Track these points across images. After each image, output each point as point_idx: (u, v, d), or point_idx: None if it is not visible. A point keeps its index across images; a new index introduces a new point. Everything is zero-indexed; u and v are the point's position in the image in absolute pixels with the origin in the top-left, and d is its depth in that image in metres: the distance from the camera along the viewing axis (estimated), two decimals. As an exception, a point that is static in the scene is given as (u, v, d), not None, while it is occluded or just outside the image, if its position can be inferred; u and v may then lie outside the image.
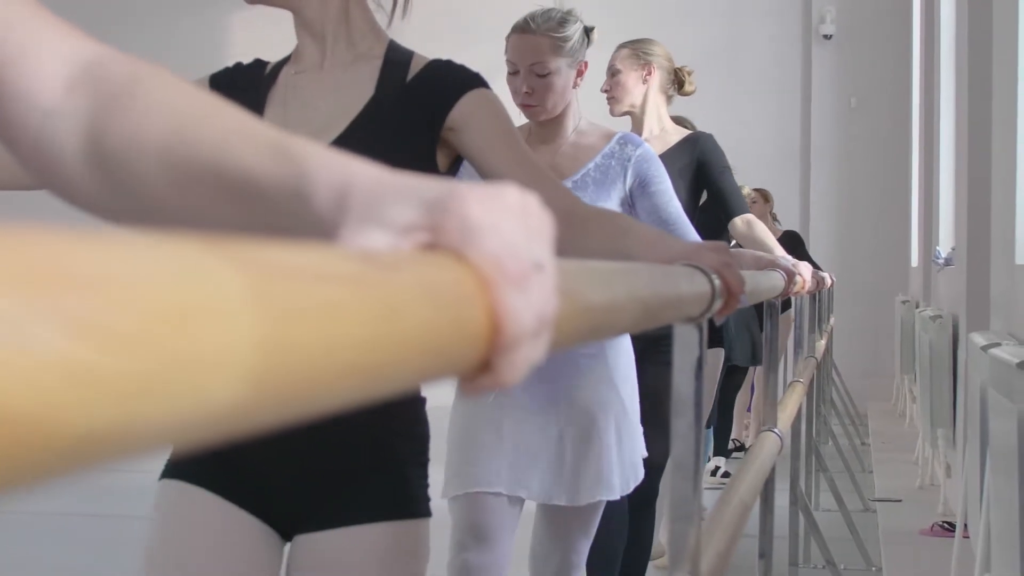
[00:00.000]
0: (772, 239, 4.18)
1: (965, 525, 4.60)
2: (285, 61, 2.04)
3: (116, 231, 0.38)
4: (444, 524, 2.02)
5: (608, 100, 4.11)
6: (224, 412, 0.39)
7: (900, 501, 6.80)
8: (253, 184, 0.80)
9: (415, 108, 1.93)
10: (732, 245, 4.35)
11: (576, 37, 3.08)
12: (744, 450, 8.07)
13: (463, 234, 0.61)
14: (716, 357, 4.97)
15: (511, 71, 3.10)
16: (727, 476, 7.14)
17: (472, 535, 2.90)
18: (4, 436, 0.31)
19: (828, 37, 12.63)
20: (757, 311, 6.93)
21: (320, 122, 1.93)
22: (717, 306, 1.57)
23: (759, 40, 12.76)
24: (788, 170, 12.53)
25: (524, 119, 3.17)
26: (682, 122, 4.30)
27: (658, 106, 4.09)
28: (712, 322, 1.69)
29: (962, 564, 4.45)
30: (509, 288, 0.59)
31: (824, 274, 6.85)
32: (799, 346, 5.14)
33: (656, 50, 4.12)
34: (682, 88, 4.17)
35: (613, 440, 2.96)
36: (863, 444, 9.29)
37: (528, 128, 3.16)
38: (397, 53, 1.99)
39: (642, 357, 3.66)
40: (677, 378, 1.51)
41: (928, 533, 5.87)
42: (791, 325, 6.32)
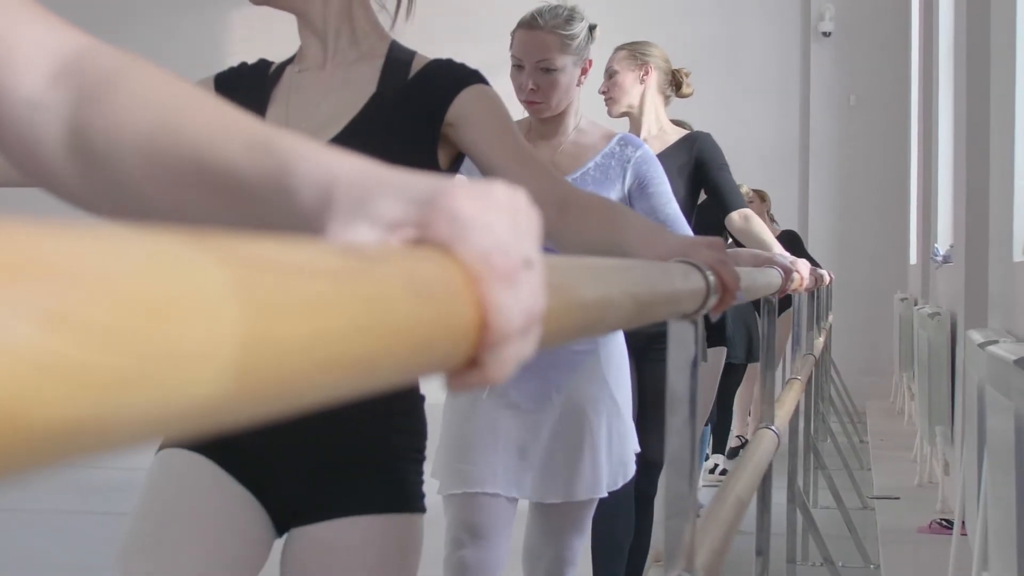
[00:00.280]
0: (769, 235, 4.18)
1: (963, 522, 4.60)
2: (290, 61, 2.06)
3: (96, 224, 0.38)
4: (438, 521, 2.02)
5: (606, 101, 4.12)
6: (205, 406, 0.39)
7: (898, 499, 6.80)
8: (236, 178, 0.79)
9: (415, 106, 1.94)
10: (729, 243, 4.35)
11: (582, 35, 3.09)
12: (745, 447, 8.05)
13: (451, 230, 0.61)
14: (718, 355, 4.97)
15: (516, 66, 3.10)
16: (725, 474, 7.14)
17: (468, 533, 2.90)
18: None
19: (827, 35, 12.62)
20: (756, 309, 6.92)
21: (321, 120, 1.95)
22: (712, 302, 1.57)
23: (758, 38, 12.75)
24: (787, 168, 12.53)
25: (523, 114, 3.18)
26: (680, 125, 4.31)
27: (656, 106, 4.10)
28: (710, 320, 1.69)
29: (960, 561, 4.45)
30: (497, 284, 0.59)
31: (823, 271, 6.85)
32: (797, 344, 5.14)
33: (653, 51, 4.13)
34: (680, 90, 4.18)
35: (604, 437, 2.97)
36: (862, 442, 9.29)
37: (528, 124, 3.17)
38: (399, 52, 2.01)
39: (640, 355, 3.67)
40: (672, 375, 1.51)
41: (926, 531, 5.87)
42: (791, 324, 6.32)
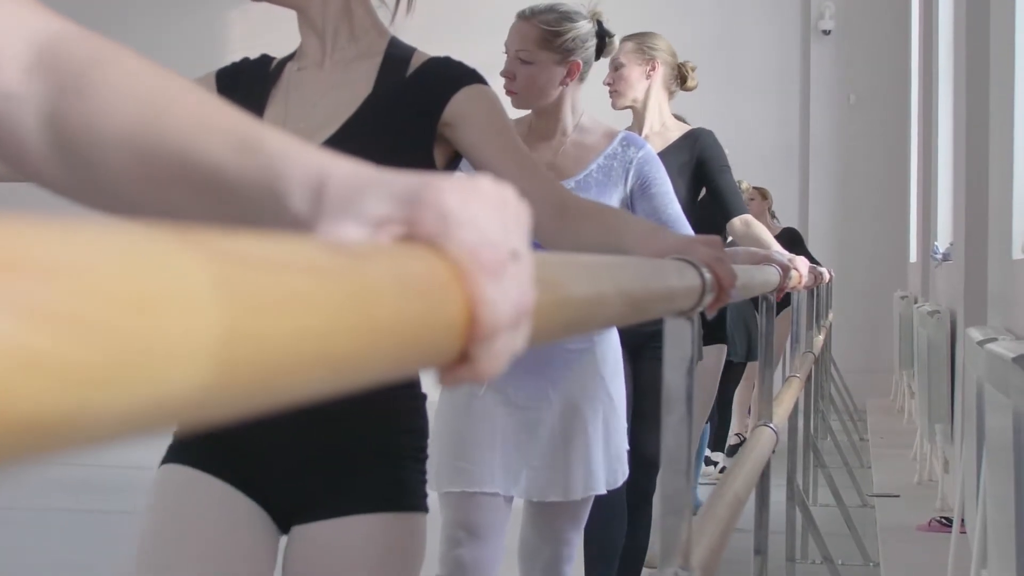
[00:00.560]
0: (770, 237, 4.18)
1: (962, 520, 4.60)
2: (290, 57, 2.05)
3: (77, 218, 0.38)
4: (434, 517, 2.02)
5: (610, 93, 4.10)
6: (186, 401, 0.39)
7: (898, 497, 6.80)
8: (222, 180, 0.79)
9: (412, 105, 1.93)
10: (728, 242, 4.35)
11: (572, 36, 3.05)
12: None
13: (438, 225, 0.61)
14: (718, 353, 4.96)
15: (505, 55, 3.11)
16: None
17: (465, 531, 2.91)
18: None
19: (827, 33, 12.62)
20: (755, 307, 6.92)
21: (318, 119, 1.94)
22: (708, 300, 1.57)
23: (758, 36, 12.75)
24: (787, 166, 12.52)
25: (521, 112, 3.18)
26: (677, 119, 4.30)
27: (660, 102, 4.08)
28: (705, 317, 1.69)
29: (959, 559, 4.45)
30: (486, 278, 0.59)
31: (822, 269, 6.84)
32: (796, 342, 5.14)
33: (660, 45, 4.11)
34: (684, 83, 4.17)
35: (601, 434, 2.97)
36: (862, 440, 9.28)
37: (528, 123, 3.16)
38: (398, 50, 2.00)
39: (638, 353, 3.67)
40: (668, 372, 1.51)
41: (926, 529, 5.87)
42: (790, 322, 6.31)
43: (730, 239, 4.51)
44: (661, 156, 3.36)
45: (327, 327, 0.46)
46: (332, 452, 1.89)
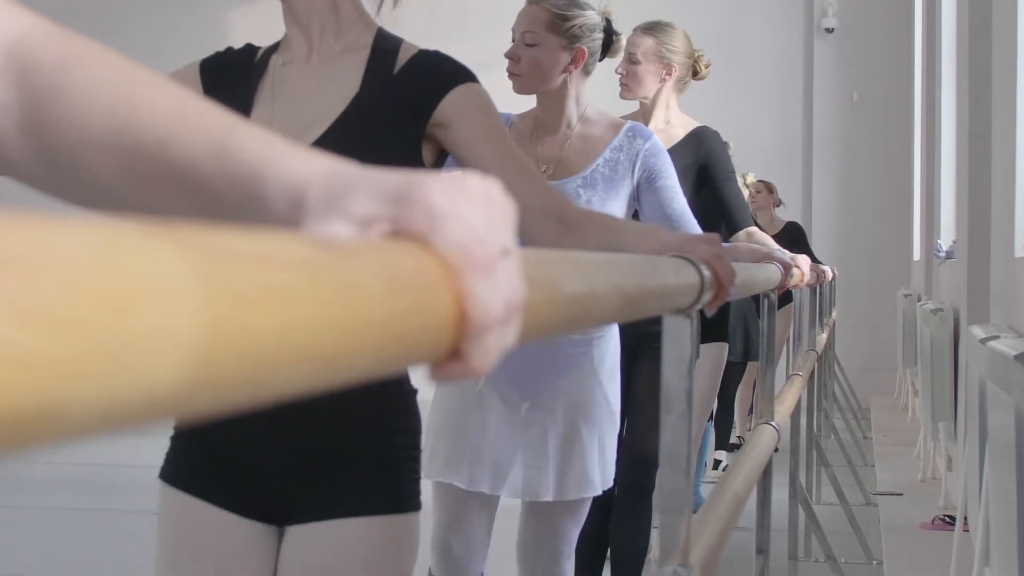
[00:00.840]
0: (773, 244, 4.16)
1: (965, 518, 4.59)
2: (275, 48, 2.01)
3: (57, 213, 0.38)
4: (427, 505, 2.03)
5: (620, 84, 4.05)
6: (167, 396, 0.39)
7: (901, 495, 6.80)
8: (200, 180, 0.78)
9: (401, 103, 1.90)
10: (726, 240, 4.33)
11: (580, 23, 3.04)
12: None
13: (426, 222, 0.61)
14: (720, 352, 4.95)
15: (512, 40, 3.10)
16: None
17: (456, 525, 2.99)
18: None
19: (830, 31, 12.61)
20: (756, 305, 6.92)
21: (307, 119, 1.91)
22: (707, 297, 1.57)
23: (760, 34, 12.74)
24: (790, 165, 12.51)
25: (525, 108, 3.17)
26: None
27: (668, 101, 4.06)
28: (704, 315, 1.68)
29: (962, 557, 4.45)
30: (475, 274, 0.59)
31: (824, 267, 6.83)
32: (799, 340, 5.13)
33: (678, 46, 4.05)
34: (696, 75, 4.14)
35: (596, 435, 2.97)
36: (865, 438, 9.28)
37: (533, 116, 3.14)
38: (385, 42, 1.97)
39: (637, 352, 3.66)
40: (667, 370, 1.51)
41: (929, 527, 5.86)
42: (790, 319, 6.30)
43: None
44: (664, 154, 3.35)
45: (312, 322, 0.46)
46: (325, 454, 1.89)
